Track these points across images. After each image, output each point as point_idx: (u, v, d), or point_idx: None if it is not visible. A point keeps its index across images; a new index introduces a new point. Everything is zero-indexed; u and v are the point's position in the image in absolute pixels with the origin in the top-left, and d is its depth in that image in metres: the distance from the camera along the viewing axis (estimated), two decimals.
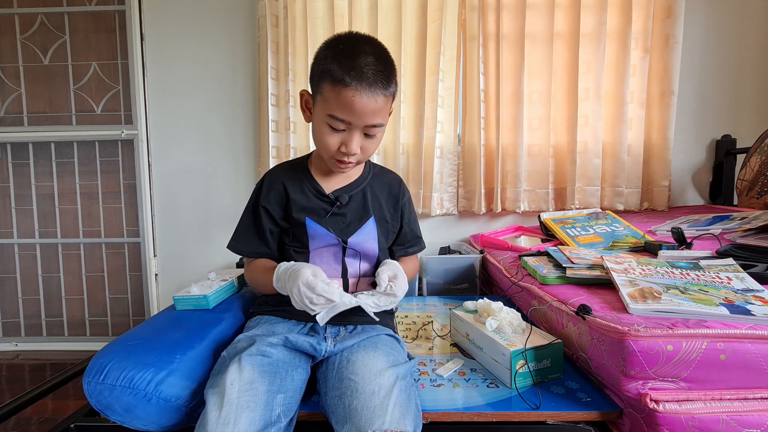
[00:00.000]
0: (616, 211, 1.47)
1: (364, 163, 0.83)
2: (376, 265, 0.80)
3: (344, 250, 0.78)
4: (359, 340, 0.70)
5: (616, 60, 1.53)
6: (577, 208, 1.56)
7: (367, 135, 0.71)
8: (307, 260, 0.78)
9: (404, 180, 1.57)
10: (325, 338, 0.71)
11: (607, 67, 1.53)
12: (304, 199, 0.77)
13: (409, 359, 0.70)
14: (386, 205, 0.83)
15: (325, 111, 0.68)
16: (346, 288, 0.79)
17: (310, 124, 0.75)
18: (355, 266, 0.80)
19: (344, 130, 0.69)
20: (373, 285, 0.79)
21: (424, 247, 0.92)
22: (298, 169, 0.81)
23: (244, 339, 0.68)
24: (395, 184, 0.86)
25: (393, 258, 0.87)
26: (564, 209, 1.59)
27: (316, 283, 0.62)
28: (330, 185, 0.79)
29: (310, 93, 0.73)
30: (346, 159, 0.72)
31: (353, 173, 0.81)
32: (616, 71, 1.53)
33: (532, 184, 1.61)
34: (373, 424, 0.53)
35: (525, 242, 1.38)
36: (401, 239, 0.87)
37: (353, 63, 0.65)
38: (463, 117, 1.63)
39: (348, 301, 0.64)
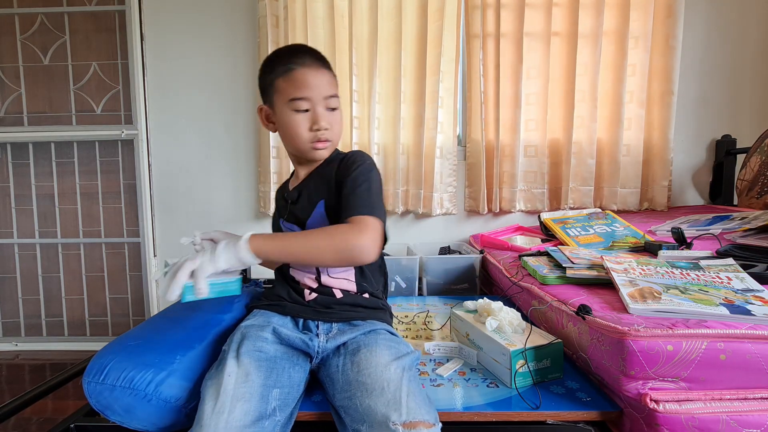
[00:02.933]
0: (616, 211, 1.47)
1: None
2: None
3: None
4: (355, 336, 0.70)
5: (615, 60, 1.53)
6: (571, 208, 1.56)
7: (329, 109, 0.75)
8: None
9: (404, 180, 1.61)
10: (317, 335, 0.71)
11: (605, 67, 1.53)
12: (278, 203, 0.87)
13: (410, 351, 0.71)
14: (333, 184, 0.76)
15: (286, 99, 0.73)
16: (319, 281, 0.76)
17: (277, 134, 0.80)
18: None
19: (307, 110, 0.73)
20: (357, 278, 0.78)
21: (376, 215, 0.69)
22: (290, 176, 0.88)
23: (241, 330, 0.70)
24: (338, 160, 0.78)
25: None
26: (559, 208, 1.60)
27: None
28: (293, 185, 0.84)
29: (266, 104, 0.79)
30: (321, 137, 0.74)
31: (311, 169, 0.80)
32: (615, 71, 1.53)
33: (528, 184, 1.61)
34: (390, 416, 0.53)
35: (524, 242, 1.38)
36: (343, 203, 0.72)
37: (293, 53, 0.75)
38: (468, 117, 1.63)
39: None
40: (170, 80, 1.70)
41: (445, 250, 1.52)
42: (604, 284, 0.81)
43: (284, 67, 0.73)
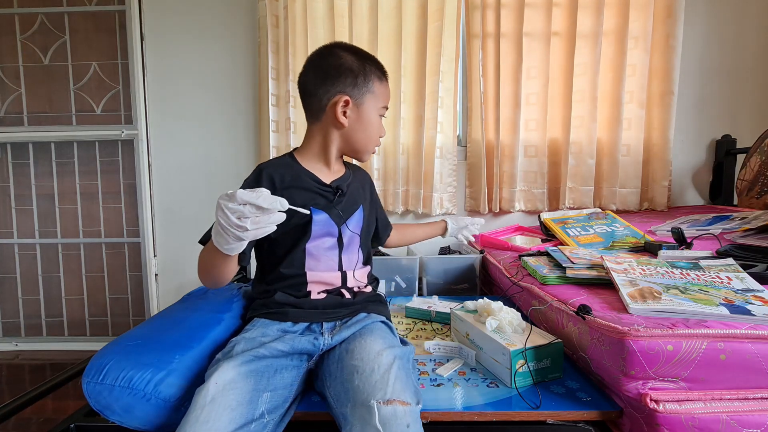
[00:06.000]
0: (616, 211, 1.47)
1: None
2: (362, 257, 0.86)
3: (340, 242, 0.80)
4: (356, 330, 0.72)
5: (615, 60, 1.53)
6: (571, 208, 1.56)
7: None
8: (303, 263, 0.78)
9: (404, 180, 1.61)
10: (322, 333, 0.72)
11: (605, 67, 1.54)
12: (306, 189, 0.79)
13: (403, 344, 0.72)
14: (366, 196, 0.90)
15: (378, 104, 0.81)
16: (344, 281, 0.81)
17: (342, 126, 0.79)
18: (348, 261, 0.82)
19: (382, 118, 0.84)
20: (369, 278, 0.88)
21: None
22: (290, 164, 0.81)
23: (238, 341, 0.68)
24: (367, 178, 0.95)
25: (384, 238, 1.03)
26: (558, 208, 1.60)
27: (235, 192, 0.55)
28: (324, 178, 0.81)
29: (351, 96, 0.78)
30: (378, 143, 0.86)
31: (341, 169, 0.86)
32: (615, 71, 1.53)
33: (528, 184, 1.62)
34: (375, 395, 0.55)
35: (524, 242, 1.38)
36: (382, 223, 1.00)
37: (379, 63, 0.82)
38: (468, 117, 1.63)
39: (280, 203, 0.56)
40: (170, 80, 1.70)
41: (445, 250, 1.52)
42: (604, 284, 0.81)
43: (380, 72, 0.81)
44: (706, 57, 1.64)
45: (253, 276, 0.96)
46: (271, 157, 1.58)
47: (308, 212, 0.62)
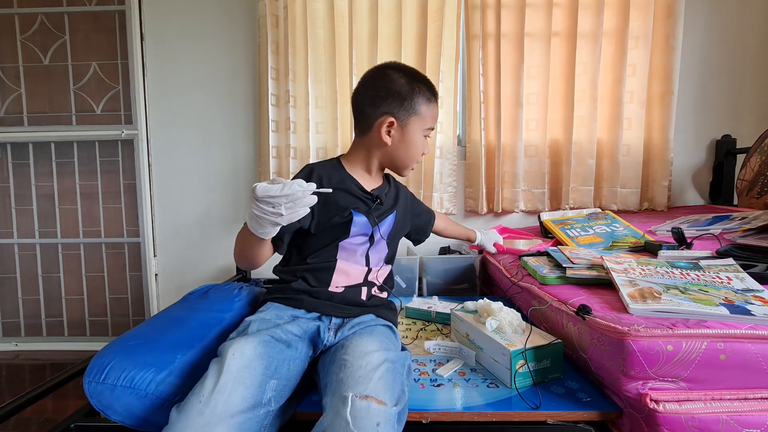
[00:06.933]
0: (616, 211, 1.47)
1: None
2: (387, 256, 0.89)
3: (371, 241, 0.84)
4: (358, 329, 0.74)
5: (615, 60, 1.53)
6: (571, 208, 1.56)
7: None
8: (335, 254, 0.81)
9: (404, 180, 1.61)
10: (328, 329, 0.74)
11: (605, 67, 1.54)
12: (350, 193, 0.83)
13: (403, 351, 0.73)
14: (402, 208, 0.93)
15: (424, 125, 0.84)
16: (366, 276, 0.84)
17: (386, 145, 0.83)
18: (375, 258, 0.86)
19: (426, 137, 0.87)
20: (386, 280, 0.91)
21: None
22: (338, 168, 0.86)
23: (253, 320, 0.71)
24: (406, 192, 0.98)
25: (429, 230, 1.08)
26: (559, 209, 1.60)
27: (259, 187, 0.59)
28: (366, 186, 0.86)
29: (396, 117, 0.81)
30: (419, 160, 0.89)
31: (380, 180, 0.91)
32: (615, 71, 1.53)
33: (529, 184, 1.62)
34: (354, 389, 0.55)
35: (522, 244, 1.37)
36: (424, 220, 1.06)
37: (432, 87, 0.85)
38: (467, 117, 1.63)
39: (299, 185, 0.61)
40: (170, 80, 1.70)
41: (445, 250, 1.52)
42: (604, 284, 0.81)
43: (428, 95, 0.83)
44: (706, 57, 1.64)
45: (254, 275, 0.97)
46: (270, 157, 1.59)
47: (330, 191, 0.66)
